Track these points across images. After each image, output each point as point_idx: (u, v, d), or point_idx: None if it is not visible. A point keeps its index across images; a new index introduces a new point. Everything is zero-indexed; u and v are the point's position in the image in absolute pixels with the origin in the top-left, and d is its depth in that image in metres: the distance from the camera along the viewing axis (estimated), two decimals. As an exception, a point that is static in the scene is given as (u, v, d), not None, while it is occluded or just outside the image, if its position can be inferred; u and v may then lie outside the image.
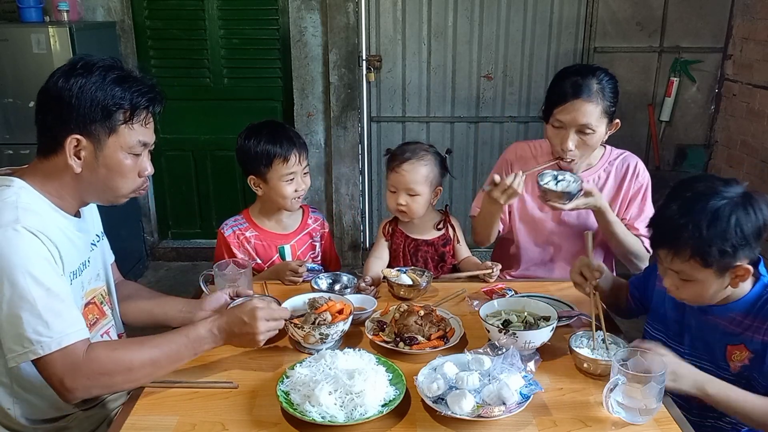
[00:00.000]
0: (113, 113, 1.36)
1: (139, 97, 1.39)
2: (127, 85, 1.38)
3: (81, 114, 1.33)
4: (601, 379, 1.37)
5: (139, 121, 1.40)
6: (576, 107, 1.84)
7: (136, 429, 1.26)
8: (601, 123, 1.87)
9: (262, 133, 1.97)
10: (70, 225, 1.44)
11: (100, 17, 3.79)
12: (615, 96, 1.89)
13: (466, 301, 1.79)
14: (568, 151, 1.88)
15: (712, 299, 1.40)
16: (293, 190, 1.98)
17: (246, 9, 3.85)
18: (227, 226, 2.05)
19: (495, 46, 3.91)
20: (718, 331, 1.44)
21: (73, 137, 1.34)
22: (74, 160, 1.36)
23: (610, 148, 2.06)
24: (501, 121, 4.03)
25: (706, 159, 4.01)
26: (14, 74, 3.22)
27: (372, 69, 3.91)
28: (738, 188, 1.34)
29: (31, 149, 3.27)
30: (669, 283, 1.41)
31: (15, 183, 1.36)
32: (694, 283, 1.36)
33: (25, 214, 1.30)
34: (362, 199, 4.16)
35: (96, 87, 1.34)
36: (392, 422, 1.26)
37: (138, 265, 4.07)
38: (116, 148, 1.38)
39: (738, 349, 1.42)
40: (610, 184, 2.03)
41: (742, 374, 1.41)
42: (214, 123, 4.04)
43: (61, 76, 1.35)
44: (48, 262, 1.29)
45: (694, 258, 1.31)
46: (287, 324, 1.52)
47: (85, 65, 1.37)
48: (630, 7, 3.81)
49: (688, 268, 1.34)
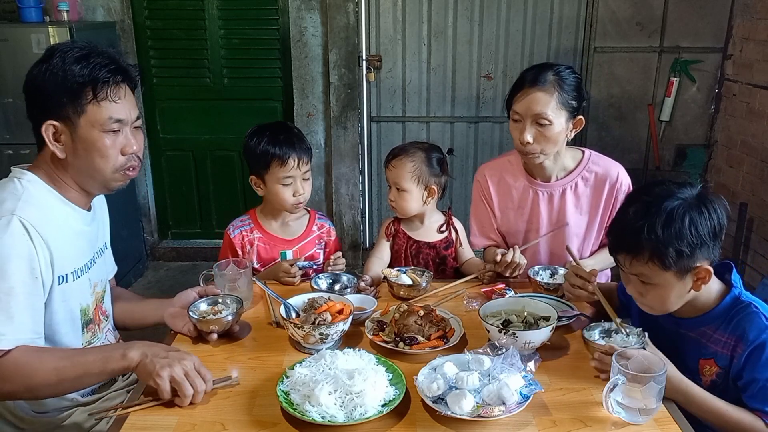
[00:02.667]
0: (78, 93, 1.35)
1: (99, 70, 1.36)
2: (86, 62, 1.36)
3: (49, 99, 1.35)
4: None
5: (105, 98, 1.38)
6: (529, 96, 1.83)
7: (136, 429, 1.26)
8: (558, 115, 1.83)
9: (264, 133, 1.95)
10: (79, 218, 1.45)
11: (100, 17, 3.79)
12: (576, 91, 1.87)
13: (464, 300, 1.79)
14: (526, 143, 1.85)
15: (675, 304, 1.39)
16: (291, 194, 1.95)
17: (246, 9, 3.85)
18: (233, 227, 2.04)
19: (495, 46, 3.91)
20: (691, 345, 1.45)
21: (48, 123, 1.36)
22: (55, 146, 1.37)
23: (590, 153, 2.02)
24: (501, 121, 4.03)
25: (706, 159, 4.01)
26: (14, 74, 3.23)
27: (372, 69, 3.91)
28: (692, 190, 1.35)
29: (31, 149, 3.29)
30: (632, 290, 1.42)
31: (27, 176, 1.39)
32: (655, 288, 1.36)
33: (25, 206, 1.31)
34: (362, 199, 4.16)
35: (57, 69, 1.35)
36: (392, 422, 1.26)
37: (138, 265, 4.07)
38: (89, 127, 1.38)
39: (708, 363, 1.42)
40: (587, 192, 1.99)
41: (713, 388, 1.39)
42: (214, 123, 4.05)
43: (33, 68, 1.37)
44: (28, 260, 1.29)
45: (652, 260, 1.32)
46: (287, 324, 1.52)
47: (49, 50, 1.37)
48: (630, 7, 3.80)
49: (648, 271, 1.34)
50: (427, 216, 2.04)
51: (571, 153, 2.01)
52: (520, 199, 2.04)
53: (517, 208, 2.05)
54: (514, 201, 2.05)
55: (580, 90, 1.89)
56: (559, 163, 1.98)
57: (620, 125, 4.00)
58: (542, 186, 2.01)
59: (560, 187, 1.99)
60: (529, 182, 2.02)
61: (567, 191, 1.99)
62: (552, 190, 2.00)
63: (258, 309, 1.76)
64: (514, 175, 2.04)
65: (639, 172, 4.00)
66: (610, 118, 3.97)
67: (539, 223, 2.03)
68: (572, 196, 2.00)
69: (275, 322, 1.66)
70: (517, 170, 2.04)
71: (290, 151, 1.92)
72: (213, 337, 1.53)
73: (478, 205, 2.12)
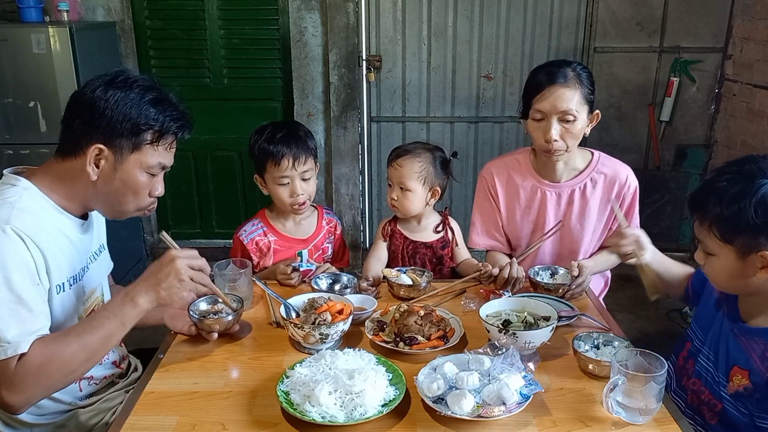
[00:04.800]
0: (142, 132, 1.39)
1: (171, 123, 1.42)
2: (162, 107, 1.41)
3: (111, 125, 1.35)
4: (605, 380, 1.37)
5: (165, 144, 1.43)
6: (554, 93, 1.81)
7: (136, 429, 1.26)
8: (582, 109, 1.83)
9: (264, 132, 1.94)
10: (74, 226, 1.45)
11: (100, 17, 3.79)
12: (592, 85, 1.88)
13: (461, 301, 1.78)
14: (553, 141, 1.83)
15: (730, 283, 1.36)
16: (288, 195, 1.93)
17: (246, 9, 3.85)
18: (245, 233, 2.01)
19: (495, 46, 3.91)
20: (734, 348, 1.39)
21: (96, 146, 1.36)
22: (92, 167, 1.37)
23: (599, 155, 2.01)
24: (501, 121, 4.03)
25: (706, 159, 4.01)
26: (14, 74, 3.23)
27: (372, 69, 3.91)
28: None
29: (31, 149, 3.33)
30: (697, 255, 1.40)
31: (21, 183, 1.37)
32: (714, 259, 1.33)
33: (19, 215, 1.30)
34: (362, 199, 4.17)
35: (132, 103, 1.37)
36: (392, 422, 1.26)
37: (138, 265, 4.06)
38: (136, 164, 1.40)
39: (741, 374, 1.36)
40: (597, 193, 1.99)
41: (736, 398, 1.35)
42: (214, 123, 4.05)
43: (100, 85, 1.37)
44: (27, 268, 1.29)
45: (712, 229, 1.29)
46: (287, 324, 1.52)
47: (125, 80, 1.39)
48: (630, 7, 3.81)
49: (707, 239, 1.32)
50: (424, 216, 2.03)
51: (581, 154, 2.00)
52: (527, 199, 2.02)
53: (524, 208, 2.04)
54: (521, 200, 2.03)
55: (593, 84, 1.90)
56: (570, 163, 1.98)
57: (620, 125, 4.01)
58: (551, 186, 1.99)
59: (569, 187, 1.98)
60: (537, 182, 2.00)
61: (575, 192, 1.98)
62: (561, 190, 1.99)
63: (258, 309, 1.76)
64: (522, 175, 2.03)
65: (639, 173, 3.97)
66: (610, 118, 3.97)
67: (545, 224, 2.01)
68: (580, 197, 1.99)
69: (275, 322, 1.66)
70: (526, 169, 2.02)
71: (284, 150, 1.89)
72: (213, 337, 1.53)
73: (482, 202, 2.09)
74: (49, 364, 1.26)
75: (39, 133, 3.31)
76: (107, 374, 1.60)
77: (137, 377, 1.62)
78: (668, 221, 4.12)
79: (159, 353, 1.52)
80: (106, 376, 1.60)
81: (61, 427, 1.49)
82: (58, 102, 3.24)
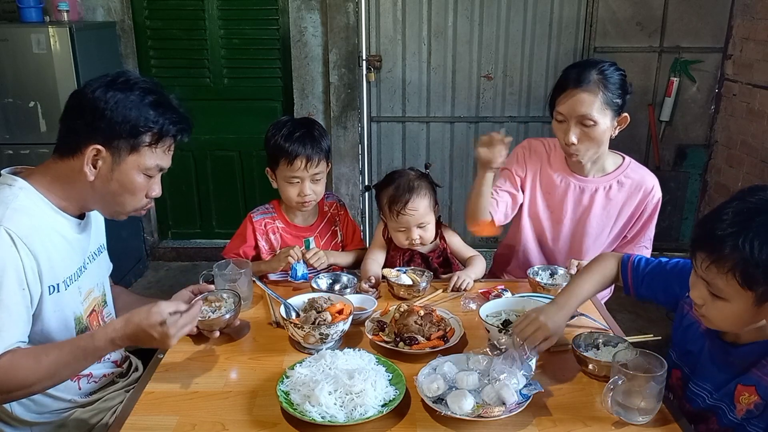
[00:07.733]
0: (141, 134, 1.39)
1: (170, 125, 1.42)
2: (162, 110, 1.41)
3: (110, 127, 1.36)
4: (605, 380, 1.37)
5: (163, 147, 1.43)
6: (573, 97, 1.80)
7: (136, 429, 1.26)
8: (603, 115, 1.82)
9: (282, 128, 1.94)
10: (71, 226, 1.44)
11: (100, 17, 3.79)
12: (621, 89, 1.85)
13: (461, 302, 1.78)
14: (571, 144, 1.84)
15: (735, 327, 1.26)
16: (296, 194, 1.95)
17: (246, 9, 3.85)
18: (257, 212, 2.07)
19: (495, 46, 3.91)
20: (729, 365, 1.30)
21: (94, 146, 1.36)
22: (90, 168, 1.37)
23: (630, 161, 2.02)
24: (501, 121, 4.02)
25: (706, 159, 4.01)
26: (14, 74, 3.22)
27: (372, 69, 3.91)
28: None
29: (31, 149, 3.33)
30: (695, 294, 1.26)
31: (17, 183, 1.37)
32: (722, 303, 1.19)
33: (13, 215, 1.30)
34: (362, 199, 4.16)
35: (132, 105, 1.37)
36: (392, 422, 1.26)
37: (138, 265, 4.07)
38: (134, 166, 1.41)
39: (748, 391, 1.26)
40: (621, 197, 1.98)
41: (748, 418, 1.26)
42: (214, 123, 4.04)
43: (101, 86, 1.37)
44: (14, 270, 1.28)
45: (734, 273, 1.14)
46: (287, 324, 1.52)
47: (126, 82, 1.39)
48: (630, 7, 3.80)
49: (722, 283, 1.16)
50: None
51: (613, 157, 2.01)
52: (549, 184, 2.01)
53: (545, 193, 2.03)
54: (544, 183, 2.02)
55: (625, 86, 1.86)
56: (599, 163, 1.97)
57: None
58: (577, 179, 1.99)
59: (594, 185, 1.98)
60: (566, 172, 2.00)
61: (599, 190, 1.98)
62: (585, 185, 1.99)
63: (258, 309, 1.77)
64: (554, 161, 2.01)
65: (639, 172, 4.00)
66: (610, 118, 3.96)
67: (562, 214, 2.01)
68: (603, 197, 1.98)
69: (275, 322, 1.66)
70: (559, 157, 2.01)
71: (299, 151, 1.90)
72: (215, 335, 1.53)
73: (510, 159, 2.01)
74: (12, 379, 1.26)
75: (39, 133, 3.31)
76: (107, 372, 1.60)
77: (138, 377, 1.62)
78: (668, 221, 4.11)
79: (159, 353, 1.52)
80: (106, 374, 1.59)
81: (61, 427, 1.49)
82: (58, 102, 3.23)
